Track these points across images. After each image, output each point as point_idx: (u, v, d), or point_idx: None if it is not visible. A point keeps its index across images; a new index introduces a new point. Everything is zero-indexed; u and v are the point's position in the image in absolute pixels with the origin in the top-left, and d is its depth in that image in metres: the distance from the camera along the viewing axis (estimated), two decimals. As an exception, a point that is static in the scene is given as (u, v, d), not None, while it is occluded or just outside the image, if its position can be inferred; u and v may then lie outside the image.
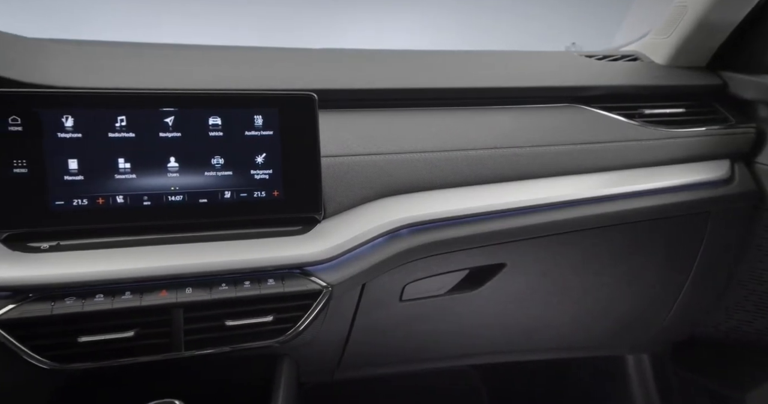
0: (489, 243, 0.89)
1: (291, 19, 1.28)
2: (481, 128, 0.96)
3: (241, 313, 0.74)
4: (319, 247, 0.78)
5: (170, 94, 0.78)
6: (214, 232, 0.80)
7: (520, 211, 0.89)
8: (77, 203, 0.74)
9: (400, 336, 0.98)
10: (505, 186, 0.91)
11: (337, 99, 0.90)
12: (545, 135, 0.97)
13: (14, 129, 0.70)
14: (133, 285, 0.71)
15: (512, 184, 0.92)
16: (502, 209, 0.87)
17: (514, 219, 0.89)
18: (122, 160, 0.77)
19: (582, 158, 0.98)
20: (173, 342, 0.72)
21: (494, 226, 0.88)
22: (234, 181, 0.82)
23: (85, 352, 0.69)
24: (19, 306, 0.66)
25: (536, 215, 0.91)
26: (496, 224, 0.88)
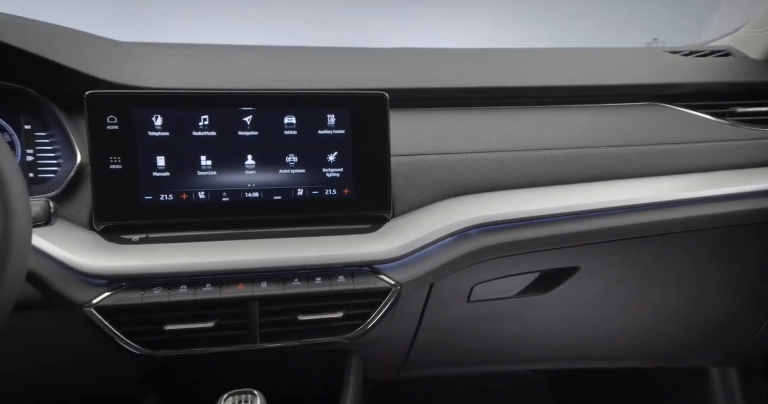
0: (562, 246, 0.87)
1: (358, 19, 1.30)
2: (556, 128, 0.93)
3: (313, 308, 0.76)
4: (388, 245, 0.79)
5: (249, 94, 0.82)
6: (287, 228, 0.83)
7: (597, 213, 0.85)
8: (164, 198, 0.79)
9: (467, 337, 0.97)
10: (581, 187, 0.88)
11: (408, 98, 0.90)
12: (624, 135, 0.93)
13: (111, 128, 0.76)
14: (213, 278, 0.75)
15: (588, 185, 0.89)
16: (577, 211, 0.84)
17: (589, 221, 0.85)
18: (204, 157, 0.81)
19: (664, 159, 0.93)
20: (249, 334, 0.75)
21: (568, 228, 0.85)
22: (306, 179, 0.84)
23: (171, 340, 0.73)
24: (114, 294, 0.71)
25: (614, 217, 0.87)
26: (570, 226, 0.85)
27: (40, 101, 0.78)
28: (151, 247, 0.76)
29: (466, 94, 0.93)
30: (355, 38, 1.18)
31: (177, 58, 0.90)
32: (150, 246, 0.76)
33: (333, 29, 1.22)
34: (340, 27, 1.23)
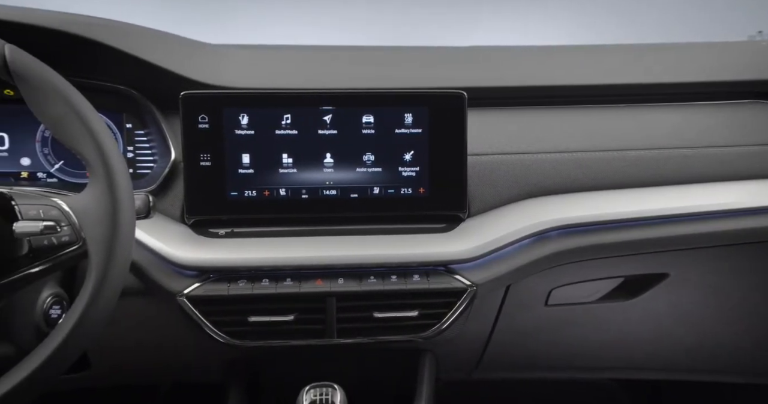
0: (649, 251, 0.83)
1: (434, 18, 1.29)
2: (643, 128, 0.88)
3: (389, 306, 0.77)
4: (464, 246, 0.78)
5: (330, 93, 0.84)
6: (363, 226, 0.84)
7: (691, 217, 0.80)
8: (248, 194, 0.83)
9: (544, 342, 0.95)
10: (671, 190, 0.84)
11: (486, 97, 0.89)
12: (721, 135, 0.87)
13: (203, 127, 0.80)
14: (293, 273, 0.77)
15: (680, 187, 0.84)
16: (668, 215, 0.80)
17: (682, 226, 0.81)
18: (286, 155, 0.84)
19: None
20: (327, 329, 0.77)
21: (657, 232, 0.81)
22: (383, 177, 0.85)
23: (254, 331, 0.76)
24: (203, 285, 0.75)
25: (710, 222, 0.82)
26: (659, 230, 0.81)
27: (141, 101, 0.83)
28: (236, 241, 0.80)
29: (546, 93, 0.91)
30: (432, 37, 1.17)
31: (262, 58, 0.94)
32: (235, 240, 0.80)
33: (412, 28, 1.22)
34: (416, 26, 1.23)
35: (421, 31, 1.23)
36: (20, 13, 0.71)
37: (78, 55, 0.75)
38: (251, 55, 0.96)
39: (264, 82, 0.87)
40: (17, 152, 0.84)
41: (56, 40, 0.72)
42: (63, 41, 0.73)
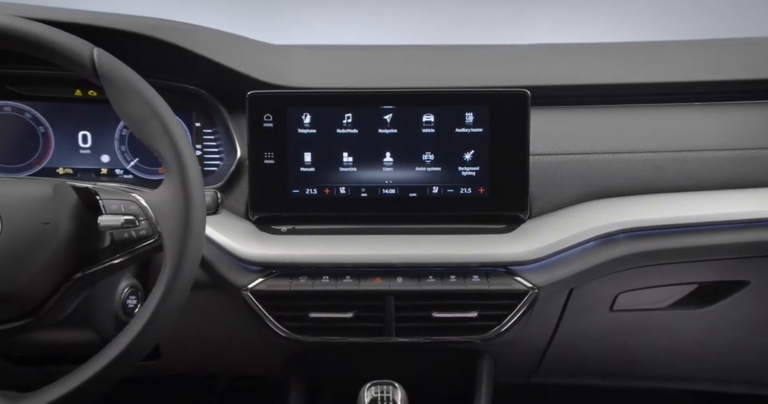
0: (727, 257, 0.79)
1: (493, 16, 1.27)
2: (722, 127, 0.84)
3: (448, 306, 0.76)
4: (525, 247, 0.77)
5: (391, 92, 0.84)
6: (422, 225, 0.84)
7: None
8: (309, 192, 0.85)
9: (608, 348, 0.92)
10: (753, 193, 0.79)
11: (549, 96, 0.87)
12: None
13: (267, 125, 0.82)
14: (353, 270, 0.79)
15: (764, 190, 0.79)
16: (747, 219, 0.76)
17: (764, 231, 0.76)
18: (346, 154, 0.85)
19: None
20: (386, 327, 0.77)
21: (736, 238, 0.77)
22: (442, 177, 0.85)
23: (315, 327, 0.78)
24: (266, 280, 0.77)
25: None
26: (739, 235, 0.77)
27: (209, 101, 0.87)
28: (298, 238, 0.81)
29: (613, 91, 0.87)
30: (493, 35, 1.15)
31: (324, 58, 0.96)
32: (296, 237, 0.82)
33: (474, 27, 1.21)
34: (476, 24, 1.21)
35: (478, 29, 1.21)
36: (105, 18, 0.76)
37: (154, 57, 0.79)
38: (314, 55, 0.97)
39: (326, 81, 0.89)
40: (98, 150, 0.89)
41: (136, 42, 0.76)
42: (142, 44, 0.77)
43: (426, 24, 1.28)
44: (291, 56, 0.95)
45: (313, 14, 1.34)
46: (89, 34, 0.60)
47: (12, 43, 0.56)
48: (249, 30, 0.95)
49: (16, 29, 0.56)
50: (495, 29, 1.22)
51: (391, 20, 1.29)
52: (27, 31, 0.56)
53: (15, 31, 0.56)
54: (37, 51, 0.57)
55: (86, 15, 0.75)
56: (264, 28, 1.02)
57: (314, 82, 0.88)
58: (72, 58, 0.57)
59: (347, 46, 1.07)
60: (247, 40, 0.92)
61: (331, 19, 1.32)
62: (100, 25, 0.74)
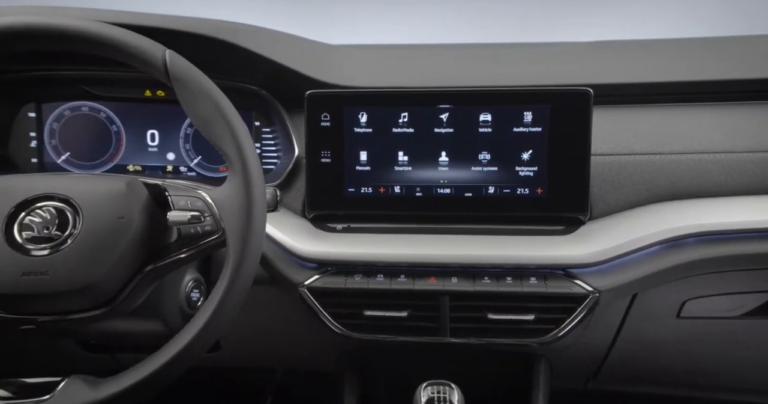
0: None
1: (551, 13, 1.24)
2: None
3: (504, 308, 0.75)
4: (586, 249, 0.75)
5: (448, 91, 0.84)
6: (477, 225, 0.83)
7: None
8: (364, 191, 0.85)
9: (674, 356, 0.88)
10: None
11: (612, 94, 0.84)
12: None
13: (324, 124, 0.83)
14: (407, 269, 0.79)
15: None
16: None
17: None
18: (401, 153, 0.85)
19: None
20: (440, 328, 0.77)
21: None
22: (498, 177, 0.83)
23: (369, 325, 0.78)
24: (322, 277, 0.78)
25: None
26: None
27: (269, 100, 0.89)
28: (353, 236, 0.82)
29: (680, 89, 0.84)
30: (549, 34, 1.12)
31: (380, 58, 0.96)
32: (352, 235, 0.82)
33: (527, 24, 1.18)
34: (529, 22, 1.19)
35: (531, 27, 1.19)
36: (175, 21, 0.79)
37: (218, 58, 0.82)
38: (370, 54, 0.98)
39: (382, 81, 0.89)
40: (164, 148, 0.93)
41: (202, 44, 0.79)
42: (208, 45, 0.79)
43: (480, 22, 1.26)
44: (348, 56, 0.96)
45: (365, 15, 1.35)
46: (159, 36, 0.63)
47: (93, 47, 0.59)
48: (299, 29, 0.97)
49: (97, 33, 0.59)
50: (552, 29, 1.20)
51: (444, 19, 1.28)
52: (106, 34, 0.59)
53: (95, 35, 0.59)
54: (115, 53, 0.60)
55: (157, 18, 0.78)
56: (313, 27, 1.03)
57: (371, 81, 0.89)
58: (146, 59, 0.60)
59: (402, 45, 1.07)
60: (306, 40, 0.94)
61: (383, 19, 1.32)
62: (171, 27, 0.77)
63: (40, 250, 0.56)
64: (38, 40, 0.58)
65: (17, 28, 0.57)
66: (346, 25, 1.34)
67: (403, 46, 1.04)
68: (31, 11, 0.77)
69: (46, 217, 0.58)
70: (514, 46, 0.99)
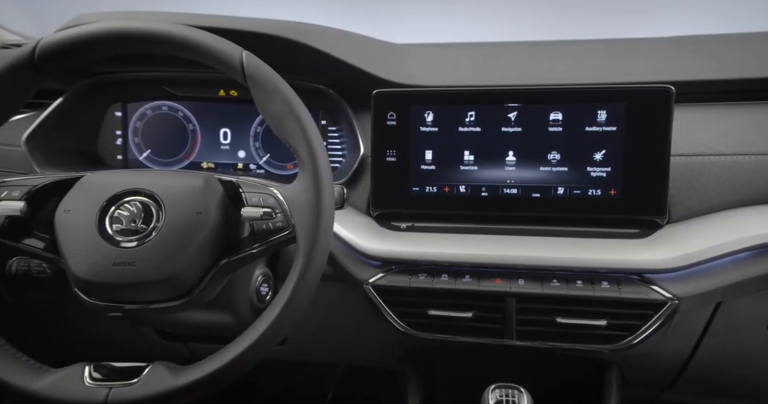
0: None
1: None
2: None
3: (573, 312, 0.73)
4: (665, 254, 0.71)
5: (517, 90, 0.82)
6: (545, 227, 0.81)
7: None
8: (429, 190, 0.85)
9: (760, 369, 0.82)
10: None
11: (695, 92, 0.80)
12: None
13: (390, 123, 0.84)
14: (472, 270, 0.78)
15: None
16: None
17: None
18: (467, 152, 0.84)
19: None
20: (506, 329, 0.76)
21: None
22: (568, 177, 0.81)
23: (433, 324, 0.78)
24: (387, 275, 0.79)
25: None
26: None
27: (336, 99, 0.90)
28: (417, 235, 0.82)
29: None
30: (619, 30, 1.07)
31: (446, 56, 0.96)
32: (416, 234, 0.82)
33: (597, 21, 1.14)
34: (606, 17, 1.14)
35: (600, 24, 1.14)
36: (251, 23, 0.81)
37: (289, 58, 0.83)
38: (435, 53, 0.98)
39: (448, 79, 0.88)
40: (236, 146, 0.97)
41: (275, 45, 0.81)
42: (280, 46, 0.81)
43: (546, 20, 1.23)
44: (413, 55, 0.96)
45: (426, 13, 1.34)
46: (235, 37, 0.65)
47: (177, 49, 0.62)
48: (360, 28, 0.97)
49: (181, 36, 0.62)
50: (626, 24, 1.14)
51: (509, 17, 1.26)
52: (189, 37, 0.62)
53: (180, 38, 0.62)
54: (196, 55, 0.63)
55: (234, 20, 0.81)
56: (374, 26, 1.03)
57: (437, 80, 0.88)
58: (224, 60, 0.62)
59: (468, 43, 1.05)
60: (372, 39, 0.94)
61: (444, 18, 1.31)
62: (247, 29, 0.79)
63: (128, 242, 0.60)
64: (130, 44, 0.62)
65: (111, 33, 0.61)
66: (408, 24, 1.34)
67: (468, 44, 1.03)
68: (118, 17, 0.82)
69: (133, 211, 0.61)
70: (585, 42, 0.96)
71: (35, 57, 0.61)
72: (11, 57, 0.61)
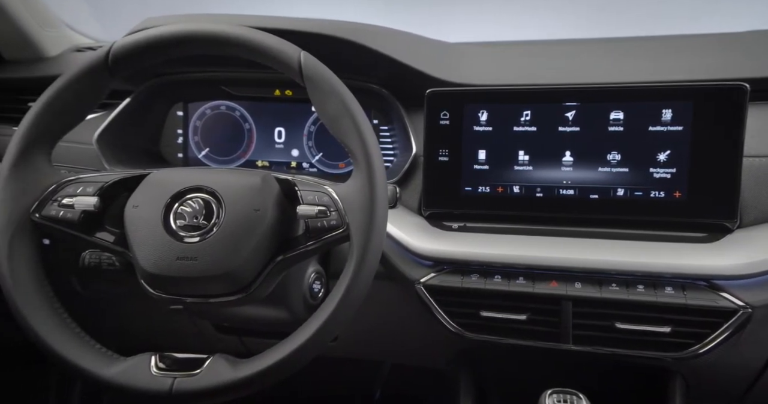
0: None
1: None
2: None
3: (634, 317, 0.70)
4: (736, 260, 0.68)
5: (576, 88, 0.80)
6: (604, 229, 0.79)
7: None
8: (481, 190, 0.84)
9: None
10: None
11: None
12: None
13: (443, 122, 0.83)
14: (526, 272, 0.76)
15: None
16: None
17: None
18: (522, 152, 0.83)
19: None
20: (561, 333, 0.74)
21: None
22: (629, 178, 0.78)
23: (485, 326, 0.77)
24: (439, 275, 0.78)
25: None
26: None
27: (388, 99, 0.90)
28: (469, 235, 0.81)
29: None
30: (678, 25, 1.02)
31: (499, 55, 0.94)
32: (468, 235, 0.81)
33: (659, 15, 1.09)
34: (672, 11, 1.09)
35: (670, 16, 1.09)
36: (306, 24, 0.82)
37: (345, 58, 0.84)
38: (488, 52, 0.96)
39: (503, 78, 0.87)
40: (289, 144, 0.99)
41: (330, 44, 0.82)
42: (336, 46, 0.82)
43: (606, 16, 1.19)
44: (466, 54, 0.95)
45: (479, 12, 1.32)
46: (292, 38, 0.66)
47: (238, 49, 0.64)
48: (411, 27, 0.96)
49: (241, 37, 0.63)
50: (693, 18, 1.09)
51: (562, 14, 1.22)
52: (249, 38, 0.64)
53: (240, 39, 0.63)
54: (256, 55, 0.64)
55: (292, 22, 0.82)
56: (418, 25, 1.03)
57: (491, 79, 0.87)
58: (283, 60, 0.63)
59: (521, 41, 1.04)
60: (425, 39, 0.94)
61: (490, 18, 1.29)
62: (303, 30, 0.81)
63: (191, 237, 0.62)
64: (195, 46, 0.64)
65: (178, 35, 0.63)
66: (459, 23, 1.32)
67: (521, 42, 1.01)
68: (184, 20, 0.85)
69: (195, 207, 0.63)
70: (647, 39, 0.92)
71: (109, 59, 0.64)
72: (88, 60, 0.64)
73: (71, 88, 0.65)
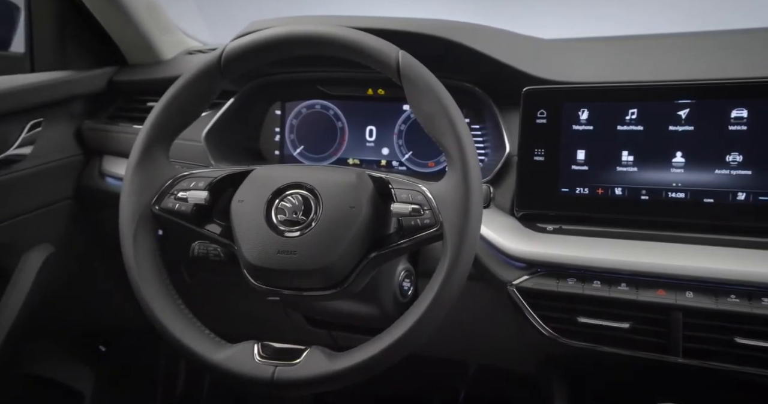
0: None
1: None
2: None
3: (758, 333, 0.64)
4: None
5: (690, 85, 0.75)
6: (720, 236, 0.72)
7: None
8: (579, 191, 0.80)
9: None
10: None
11: None
12: None
13: (540, 121, 0.80)
14: (629, 278, 0.72)
15: None
16: None
17: None
18: (626, 153, 0.78)
19: None
20: (670, 345, 0.69)
21: None
22: (753, 181, 0.72)
23: (582, 332, 0.73)
24: (532, 278, 0.76)
25: None
26: None
27: (481, 97, 0.89)
28: (565, 238, 0.78)
29: None
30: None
31: (598, 51, 0.90)
32: (564, 237, 0.78)
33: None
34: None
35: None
36: (403, 23, 0.83)
37: (442, 57, 0.84)
38: (587, 48, 0.92)
39: (605, 75, 0.82)
40: (380, 143, 1.00)
41: (427, 43, 0.82)
42: (433, 45, 0.82)
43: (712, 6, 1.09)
44: (563, 51, 0.92)
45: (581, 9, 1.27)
46: (390, 37, 0.66)
47: (338, 49, 0.66)
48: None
49: (342, 37, 0.65)
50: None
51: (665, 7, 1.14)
52: (349, 38, 0.65)
53: (340, 39, 0.65)
54: (355, 54, 0.65)
55: (390, 21, 0.83)
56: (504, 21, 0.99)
57: (591, 76, 0.83)
58: (381, 60, 0.64)
59: (621, 37, 0.98)
60: (520, 36, 0.91)
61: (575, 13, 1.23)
62: (403, 29, 0.81)
63: (291, 232, 0.64)
64: (300, 46, 0.67)
65: (284, 37, 0.66)
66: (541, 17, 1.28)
67: (621, 37, 0.95)
68: (288, 22, 0.88)
69: (295, 203, 0.65)
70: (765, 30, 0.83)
71: (222, 62, 0.68)
72: (203, 63, 0.69)
73: (188, 90, 0.70)
